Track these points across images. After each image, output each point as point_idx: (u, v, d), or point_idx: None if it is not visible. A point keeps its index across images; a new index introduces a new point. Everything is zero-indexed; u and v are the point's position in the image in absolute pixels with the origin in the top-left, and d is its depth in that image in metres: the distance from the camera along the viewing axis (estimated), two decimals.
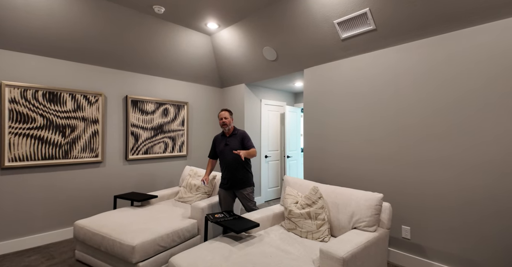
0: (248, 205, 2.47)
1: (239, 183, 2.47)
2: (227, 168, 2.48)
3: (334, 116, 2.83)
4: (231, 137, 2.53)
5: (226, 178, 2.51)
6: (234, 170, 2.46)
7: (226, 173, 2.51)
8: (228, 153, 2.48)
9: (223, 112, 2.52)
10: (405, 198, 2.28)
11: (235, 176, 2.46)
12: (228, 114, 2.52)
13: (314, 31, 2.63)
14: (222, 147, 2.53)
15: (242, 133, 2.55)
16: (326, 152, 2.89)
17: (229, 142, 2.51)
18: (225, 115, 2.50)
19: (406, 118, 2.28)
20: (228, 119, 2.50)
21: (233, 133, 2.55)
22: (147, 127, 3.50)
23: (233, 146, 2.48)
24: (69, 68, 2.90)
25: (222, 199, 2.55)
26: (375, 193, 1.89)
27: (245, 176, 2.50)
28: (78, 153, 2.96)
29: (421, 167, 2.19)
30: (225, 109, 2.56)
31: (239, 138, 2.51)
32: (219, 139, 2.61)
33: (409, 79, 2.26)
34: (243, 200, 2.48)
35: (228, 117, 2.51)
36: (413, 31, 2.16)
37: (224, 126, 2.49)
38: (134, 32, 2.96)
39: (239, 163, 2.47)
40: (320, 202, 1.95)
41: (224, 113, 2.52)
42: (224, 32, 3.29)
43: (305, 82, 3.14)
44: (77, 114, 2.96)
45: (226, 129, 2.52)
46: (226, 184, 2.51)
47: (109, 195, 3.17)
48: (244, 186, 2.48)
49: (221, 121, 2.50)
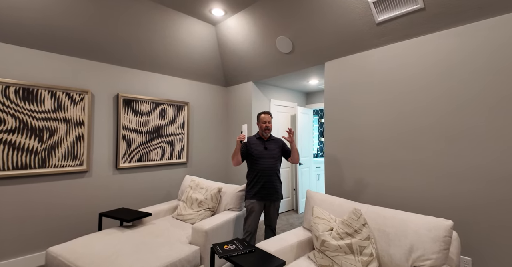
0: (274, 218, 2.28)
1: (275, 193, 2.25)
2: (263, 175, 2.22)
3: (365, 118, 2.36)
4: (269, 142, 2.33)
5: (261, 187, 2.21)
6: (271, 178, 2.24)
7: (261, 181, 2.22)
8: (268, 158, 2.25)
9: (265, 116, 2.31)
10: (464, 219, 1.80)
11: (273, 184, 2.23)
12: (270, 118, 2.33)
13: (341, 14, 2.17)
14: (261, 150, 2.27)
15: (281, 141, 2.39)
16: (355, 161, 2.41)
17: (268, 146, 2.29)
18: (269, 120, 2.31)
19: (467, 118, 1.80)
20: (271, 124, 2.33)
21: (271, 138, 2.35)
22: (141, 131, 3.03)
23: (274, 152, 2.29)
24: (49, 60, 2.44)
25: (255, 212, 2.21)
26: (440, 219, 1.41)
27: (280, 187, 2.31)
28: (58, 161, 2.49)
29: (496, 182, 1.71)
30: (267, 112, 2.34)
31: (279, 144, 2.35)
32: (254, 140, 2.33)
33: (467, 70, 1.79)
34: (273, 214, 2.27)
35: (271, 122, 2.34)
36: (472, 10, 1.70)
37: (267, 131, 2.30)
38: (127, 19, 2.51)
39: (277, 171, 2.29)
40: (365, 231, 1.47)
41: (266, 117, 2.31)
42: (231, 20, 2.84)
43: (327, 77, 2.67)
44: (58, 115, 2.49)
45: (268, 134, 2.33)
46: (260, 194, 2.21)
47: (94, 212, 2.69)
48: (278, 197, 2.28)
49: (264, 125, 2.29)
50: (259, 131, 2.35)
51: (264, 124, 2.29)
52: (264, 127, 2.28)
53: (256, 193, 2.20)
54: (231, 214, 2.28)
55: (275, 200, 2.24)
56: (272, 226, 2.27)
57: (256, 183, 2.22)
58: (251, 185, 2.25)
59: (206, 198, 2.39)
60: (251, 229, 2.16)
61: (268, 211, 2.26)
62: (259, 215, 2.21)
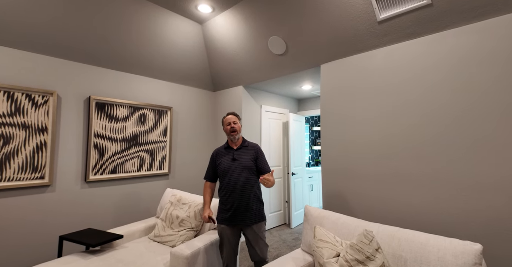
0: (260, 248, 1.79)
1: (250, 215, 1.79)
2: (233, 193, 1.79)
3: (365, 125, 2.16)
4: (240, 150, 1.91)
5: (231, 208, 1.79)
6: (243, 196, 1.79)
7: (230, 200, 1.80)
8: (237, 171, 1.82)
9: (230, 116, 1.96)
10: (486, 238, 1.59)
11: (246, 204, 1.79)
12: (236, 118, 1.96)
13: (339, 11, 2.00)
14: (228, 162, 1.86)
15: (256, 147, 1.96)
16: (355, 172, 2.18)
17: (238, 156, 1.87)
18: (233, 120, 1.93)
19: (479, 125, 1.63)
20: (238, 124, 1.94)
21: (243, 145, 1.94)
22: (116, 138, 2.69)
23: (244, 162, 1.85)
24: (6, 56, 2.11)
25: (227, 240, 1.80)
26: (467, 242, 1.18)
27: (258, 206, 1.85)
28: (14, 173, 2.11)
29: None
30: (232, 113, 1.99)
31: (252, 152, 1.91)
32: (222, 152, 1.95)
33: (484, 71, 1.63)
34: (254, 241, 1.78)
35: (238, 122, 1.95)
36: (489, 5, 1.55)
37: (234, 133, 1.89)
38: (102, 13, 2.23)
39: (251, 186, 1.82)
40: (379, 258, 1.22)
41: (231, 117, 1.95)
42: (220, 18, 2.62)
43: (323, 80, 2.47)
44: (15, 119, 2.13)
45: (235, 138, 1.91)
46: (230, 217, 1.79)
47: (55, 233, 2.29)
48: (256, 220, 1.80)
49: (229, 127, 1.91)
50: (228, 139, 1.96)
51: (228, 126, 1.90)
52: (229, 129, 1.89)
53: (226, 216, 1.79)
54: (217, 235, 1.97)
55: (251, 223, 1.77)
56: (259, 258, 1.78)
57: (225, 203, 1.81)
58: (221, 205, 1.85)
59: (188, 216, 2.07)
60: (228, 260, 1.80)
61: (248, 237, 1.79)
62: (236, 242, 1.82)
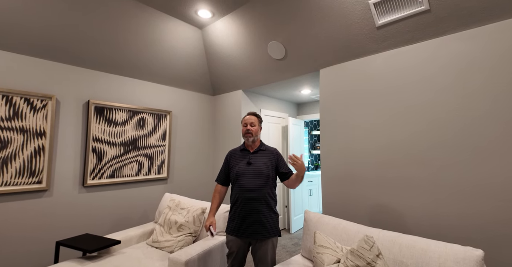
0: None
1: (261, 228, 1.58)
2: (244, 201, 1.61)
3: (363, 129, 2.16)
4: (257, 154, 1.73)
5: (241, 218, 1.61)
6: (255, 205, 1.59)
7: (240, 209, 1.62)
8: (251, 177, 1.63)
9: (248, 117, 1.77)
10: (492, 245, 1.58)
11: (257, 215, 1.58)
12: (256, 120, 1.77)
13: (338, 16, 2.01)
14: (243, 166, 1.68)
15: (275, 151, 1.78)
16: (356, 176, 2.18)
17: (254, 160, 1.69)
18: (252, 121, 1.75)
19: (482, 131, 1.63)
20: (256, 127, 1.75)
21: (260, 149, 1.76)
22: (115, 143, 2.68)
23: (260, 167, 1.66)
24: (5, 60, 2.11)
25: (236, 254, 1.65)
26: (468, 248, 1.18)
27: (272, 217, 1.63)
28: (11, 178, 2.09)
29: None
30: (252, 113, 1.81)
31: (270, 156, 1.72)
32: (237, 154, 1.79)
33: (482, 75, 1.64)
34: (263, 258, 1.59)
35: (256, 125, 1.76)
36: (487, 11, 1.57)
37: (248, 135, 1.72)
38: (102, 17, 2.24)
39: (265, 194, 1.61)
40: (379, 264, 1.21)
41: (249, 118, 1.76)
42: (219, 23, 2.64)
43: (322, 85, 2.48)
44: (13, 123, 2.12)
45: (249, 140, 1.74)
46: (239, 227, 1.62)
47: (52, 239, 2.26)
48: (268, 235, 1.59)
49: (245, 129, 1.74)
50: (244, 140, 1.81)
51: (245, 127, 1.74)
52: (244, 131, 1.73)
53: (236, 227, 1.62)
54: (218, 240, 1.96)
55: (263, 237, 1.57)
56: None
57: (236, 211, 1.64)
58: (231, 213, 1.69)
59: (187, 221, 2.05)
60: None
61: (257, 253, 1.60)
62: (243, 255, 1.66)
